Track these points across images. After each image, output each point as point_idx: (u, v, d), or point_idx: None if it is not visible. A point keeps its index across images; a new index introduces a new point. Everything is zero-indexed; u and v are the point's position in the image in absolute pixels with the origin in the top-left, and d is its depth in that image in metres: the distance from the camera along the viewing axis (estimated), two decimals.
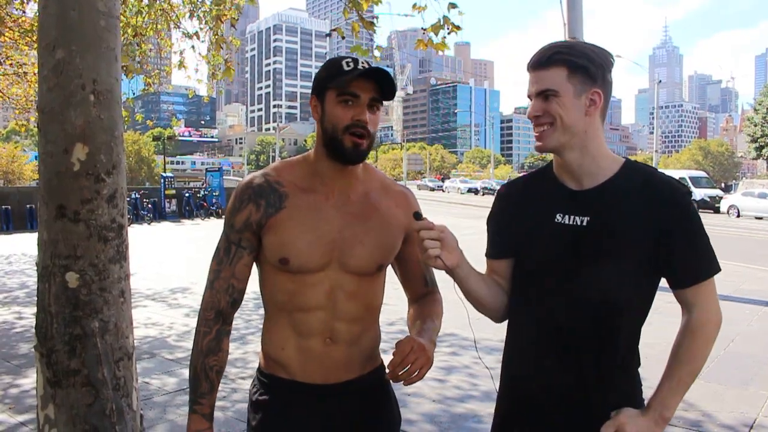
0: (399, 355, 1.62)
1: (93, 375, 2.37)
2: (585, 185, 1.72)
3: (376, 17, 5.94)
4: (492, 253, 1.90)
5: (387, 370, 1.66)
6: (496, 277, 1.87)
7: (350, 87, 1.70)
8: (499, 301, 1.85)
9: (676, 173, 41.27)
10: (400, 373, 1.62)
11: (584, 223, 1.68)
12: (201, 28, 8.21)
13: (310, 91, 1.84)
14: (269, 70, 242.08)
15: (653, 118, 59.34)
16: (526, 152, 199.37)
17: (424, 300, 1.97)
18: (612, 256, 1.64)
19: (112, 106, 2.47)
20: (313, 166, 1.82)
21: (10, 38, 10.97)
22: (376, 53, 5.82)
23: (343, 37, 5.69)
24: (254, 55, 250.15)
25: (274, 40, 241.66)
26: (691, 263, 1.66)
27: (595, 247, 1.66)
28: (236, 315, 1.89)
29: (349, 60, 1.74)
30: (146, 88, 10.61)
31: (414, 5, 5.67)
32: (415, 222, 1.70)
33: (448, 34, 5.71)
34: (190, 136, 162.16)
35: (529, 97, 1.72)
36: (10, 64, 12.19)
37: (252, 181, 1.81)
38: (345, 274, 1.79)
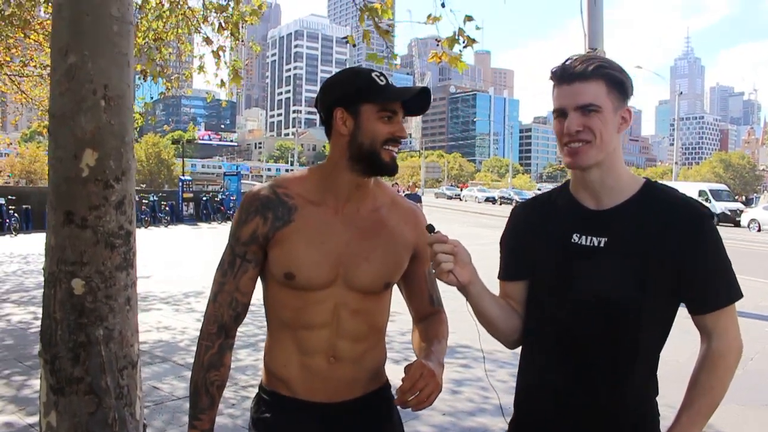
0: (409, 381, 1.57)
1: (96, 383, 2.35)
2: (604, 205, 1.66)
3: (393, 26, 5.89)
4: (505, 275, 1.83)
5: (395, 396, 1.61)
6: (510, 300, 1.80)
7: (390, 103, 1.70)
8: (513, 325, 1.78)
9: (696, 186, 40.91)
10: (409, 399, 1.57)
11: (602, 244, 1.62)
12: (221, 33, 8.18)
13: None
14: (289, 76, 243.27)
15: (674, 129, 58.89)
16: (545, 162, 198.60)
17: (429, 320, 1.91)
18: (631, 278, 1.58)
19: (123, 112, 2.45)
20: (328, 179, 1.78)
21: (35, 40, 11.08)
22: (394, 62, 5.75)
23: (354, 45, 5.64)
24: (275, 60, 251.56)
25: (295, 46, 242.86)
26: (711, 289, 1.60)
27: (611, 269, 1.60)
28: (249, 321, 1.85)
29: (378, 74, 1.73)
30: (165, 92, 10.64)
31: (429, 15, 5.60)
32: (427, 235, 1.64)
33: (464, 47, 5.63)
34: (210, 139, 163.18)
35: (559, 110, 1.64)
36: (35, 66, 12.31)
37: (259, 193, 1.77)
38: (350, 292, 1.75)
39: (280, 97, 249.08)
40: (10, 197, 20.13)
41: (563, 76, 1.63)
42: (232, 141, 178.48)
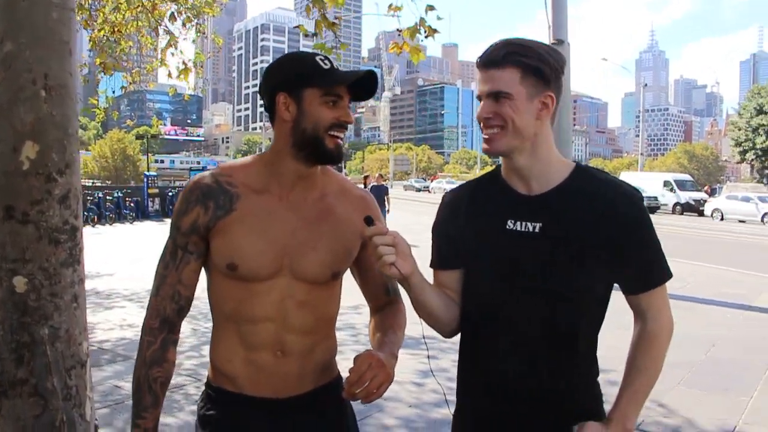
0: (355, 372, 1.53)
1: (41, 385, 2.25)
2: (535, 190, 1.67)
3: (340, 17, 5.83)
4: (439, 264, 1.80)
5: (343, 388, 1.56)
6: (445, 289, 1.77)
7: (336, 87, 1.65)
8: (451, 314, 1.75)
9: (661, 176, 41.60)
10: (357, 392, 1.53)
11: (536, 230, 1.63)
12: (173, 21, 8.03)
13: None
14: (256, 69, 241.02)
15: (639, 121, 59.52)
16: None
17: (386, 311, 1.87)
18: (565, 262, 1.60)
19: (65, 103, 2.35)
20: (272, 167, 1.72)
21: None
22: (342, 51, 5.69)
23: (306, 35, 5.56)
24: (241, 54, 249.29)
25: (262, 40, 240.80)
26: (645, 269, 1.64)
27: (548, 254, 1.61)
28: (207, 313, 1.79)
29: (323, 57, 1.67)
30: (127, 86, 10.44)
31: (390, 5, 5.55)
32: (366, 228, 1.59)
33: (425, 37, 5.59)
34: (176, 134, 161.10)
35: (478, 97, 1.66)
36: None
37: (200, 181, 1.71)
38: (296, 282, 1.69)
39: (247, 91, 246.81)
40: None
41: (481, 62, 1.64)
42: (198, 136, 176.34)
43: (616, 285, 1.69)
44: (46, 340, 2.26)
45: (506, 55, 1.60)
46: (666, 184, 38.99)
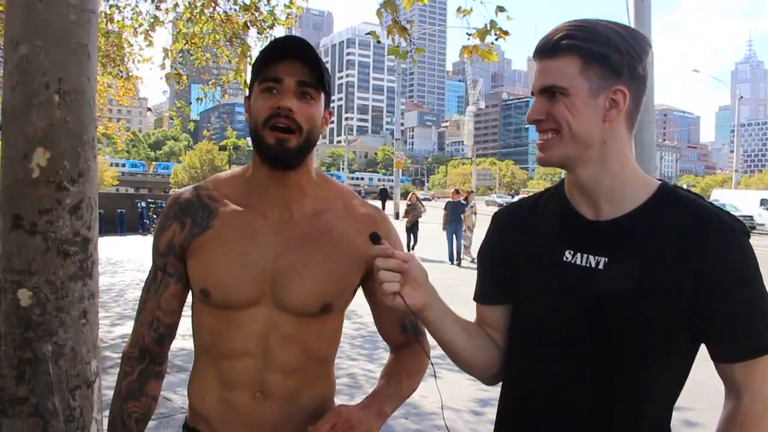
0: None
1: (42, 404, 2.13)
2: (605, 215, 1.31)
3: (412, 22, 5.63)
4: (481, 297, 1.49)
5: None
6: (487, 327, 1.47)
7: (272, 71, 1.39)
8: (487, 358, 1.44)
9: (757, 194, 39.30)
10: None
11: (600, 266, 1.28)
12: (245, 32, 8.06)
13: (381, 103, 1.49)
14: (341, 83, 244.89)
15: (734, 136, 56.69)
16: None
17: (401, 352, 1.60)
18: (634, 313, 1.24)
19: (81, 108, 2.24)
20: (250, 177, 1.50)
21: None
22: (417, 57, 5.49)
23: (378, 41, 5.39)
24: (327, 68, 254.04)
25: (347, 54, 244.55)
26: (740, 330, 1.22)
27: (612, 300, 1.26)
28: None
29: (278, 41, 1.44)
30: (203, 97, 10.57)
31: (458, 8, 5.34)
32: (371, 246, 1.30)
33: (496, 39, 5.34)
34: None
35: (532, 93, 1.33)
36: None
37: (180, 196, 1.52)
38: (280, 313, 1.45)
39: (332, 104, 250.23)
40: None
41: (535, 52, 1.32)
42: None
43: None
44: (49, 357, 2.15)
45: (561, 39, 1.26)
46: (763, 202, 36.81)
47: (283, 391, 1.47)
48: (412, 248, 16.82)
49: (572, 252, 1.32)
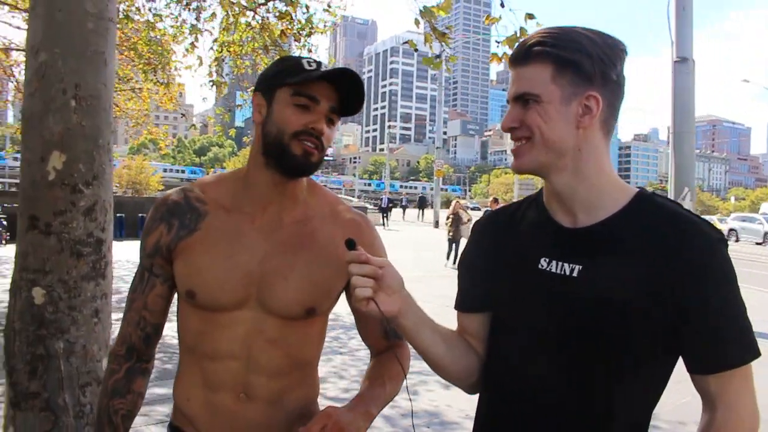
0: None
1: (53, 400, 2.21)
2: (581, 222, 1.30)
3: (451, 27, 5.64)
4: (462, 306, 1.48)
5: None
6: (467, 336, 1.46)
7: (309, 89, 1.41)
8: (467, 365, 1.44)
9: None
10: None
11: (574, 273, 1.26)
12: (284, 40, 8.17)
13: (424, 112, 1.50)
14: (385, 92, 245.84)
15: None
16: (645, 181, 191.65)
17: (383, 356, 1.61)
18: (607, 324, 1.22)
19: (97, 113, 2.32)
20: (245, 180, 1.52)
21: (126, 56, 11.53)
22: (452, 65, 5.50)
23: (416, 50, 5.40)
24: (371, 76, 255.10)
25: (391, 62, 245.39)
26: (718, 342, 1.19)
27: (583, 308, 1.24)
28: None
29: (312, 60, 1.44)
30: (243, 104, 10.72)
31: (487, 16, 5.33)
32: (346, 252, 1.30)
33: None
34: None
35: (507, 101, 1.33)
36: (128, 81, 12.83)
37: (168, 198, 1.54)
38: (266, 316, 1.47)
39: (375, 112, 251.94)
40: None
41: (510, 59, 1.32)
42: (327, 156, 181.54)
43: None
44: (61, 354, 2.22)
45: (533, 46, 1.26)
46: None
47: (266, 392, 1.48)
48: (454, 261, 16.62)
49: (547, 260, 1.31)
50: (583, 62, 1.24)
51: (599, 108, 1.25)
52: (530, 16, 5.22)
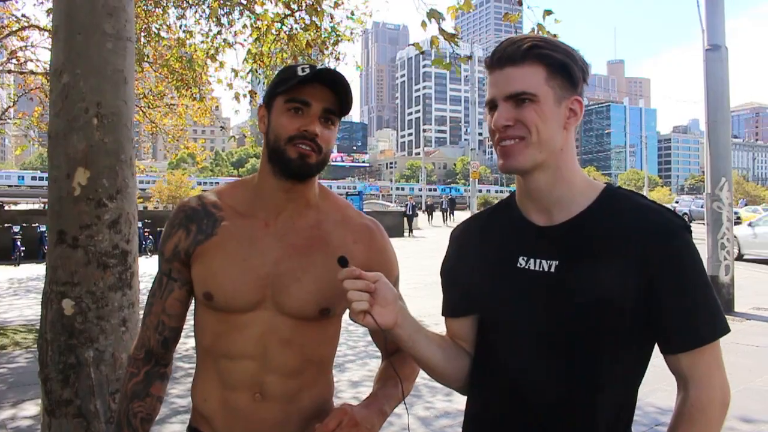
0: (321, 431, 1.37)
1: (85, 406, 2.30)
2: (555, 219, 1.36)
3: (458, 29, 5.66)
4: (448, 311, 1.53)
5: None
6: (458, 340, 1.51)
7: (301, 93, 1.46)
8: (461, 368, 1.49)
9: None
10: None
11: (552, 269, 1.33)
12: (309, 50, 8.28)
13: (459, 114, 1.54)
14: (419, 96, 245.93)
15: None
16: (686, 173, 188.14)
17: (395, 357, 1.64)
18: (585, 314, 1.27)
19: (118, 130, 2.42)
20: (257, 187, 1.58)
21: (160, 73, 11.81)
22: (462, 65, 5.51)
23: (422, 52, 5.43)
24: (404, 81, 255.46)
25: (423, 66, 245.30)
26: (687, 321, 1.26)
27: (564, 302, 1.30)
28: None
29: (306, 66, 1.49)
30: None
31: (505, 14, 5.34)
32: (339, 270, 1.36)
33: None
34: (343, 161, 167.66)
35: (490, 101, 1.37)
36: (162, 97, 13.12)
37: (186, 204, 1.61)
38: (280, 317, 1.51)
39: (410, 117, 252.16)
40: (146, 221, 21.40)
41: (494, 60, 1.35)
42: (363, 162, 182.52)
43: None
44: (91, 362, 2.31)
45: (529, 49, 1.31)
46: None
47: (282, 392, 1.53)
48: None
49: (525, 258, 1.37)
50: (573, 68, 1.32)
51: (581, 111, 1.35)
52: (548, 12, 5.22)
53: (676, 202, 43.35)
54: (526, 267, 1.36)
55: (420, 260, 10.86)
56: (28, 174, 77.15)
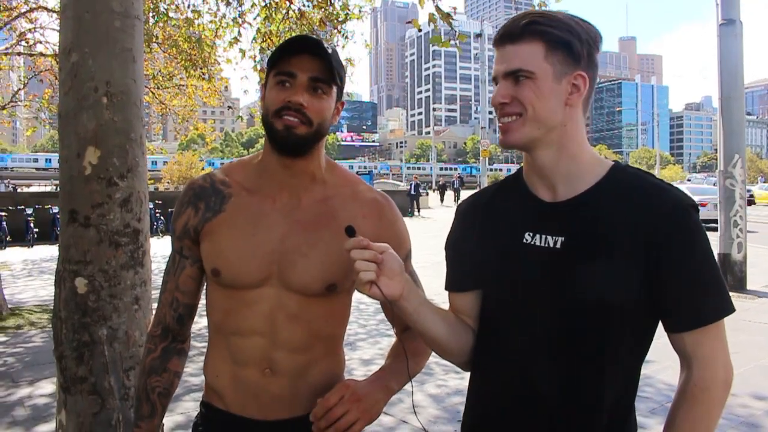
0: (322, 407, 1.38)
1: (100, 383, 2.32)
2: (561, 195, 1.36)
3: (455, 8, 5.63)
4: (451, 285, 1.53)
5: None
6: (461, 315, 1.50)
7: (287, 65, 1.46)
8: (464, 343, 1.48)
9: None
10: (324, 427, 1.37)
11: (558, 245, 1.32)
12: (322, 29, 8.23)
13: (469, 93, 1.53)
14: (428, 75, 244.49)
15: None
16: (698, 151, 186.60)
17: (406, 334, 1.64)
18: (592, 290, 1.27)
19: (128, 108, 2.41)
20: (262, 162, 1.59)
21: (169, 53, 11.78)
22: (461, 42, 5.48)
23: (420, 30, 5.41)
24: (413, 59, 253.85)
25: (433, 45, 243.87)
26: (692, 300, 1.26)
27: (570, 279, 1.29)
28: None
29: (294, 38, 1.50)
30: None
31: None
32: (347, 240, 1.35)
33: None
34: (352, 140, 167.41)
35: (494, 79, 1.37)
36: (171, 78, 13.09)
37: (195, 182, 1.62)
38: (287, 293, 1.52)
39: (419, 96, 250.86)
40: (157, 201, 21.47)
41: (497, 38, 1.36)
42: (373, 141, 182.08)
43: None
44: (105, 340, 2.33)
45: (526, 25, 1.31)
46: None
47: (291, 368, 1.54)
48: None
49: (531, 234, 1.36)
50: (574, 43, 1.31)
51: (586, 87, 1.34)
52: None
53: (688, 180, 43.06)
54: (532, 242, 1.36)
55: (426, 239, 10.88)
56: (42, 156, 77.60)
